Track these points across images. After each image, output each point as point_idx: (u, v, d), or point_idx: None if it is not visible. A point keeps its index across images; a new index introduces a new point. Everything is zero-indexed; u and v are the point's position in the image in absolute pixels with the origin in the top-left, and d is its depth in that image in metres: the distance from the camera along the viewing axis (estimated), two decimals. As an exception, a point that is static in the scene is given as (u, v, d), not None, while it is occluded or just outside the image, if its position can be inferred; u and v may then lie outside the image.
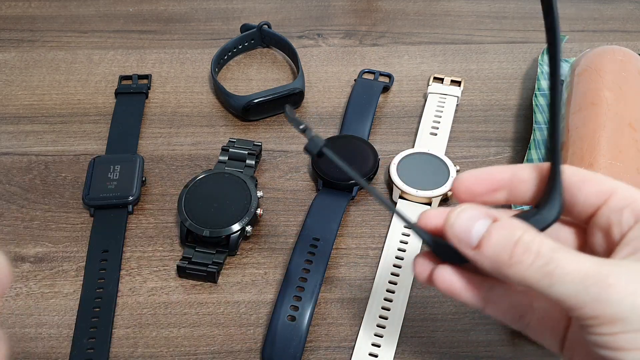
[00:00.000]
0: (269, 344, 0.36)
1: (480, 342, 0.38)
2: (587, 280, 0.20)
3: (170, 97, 0.54)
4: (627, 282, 0.20)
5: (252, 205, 0.42)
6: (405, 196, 0.44)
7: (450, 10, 0.63)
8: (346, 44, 0.59)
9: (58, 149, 0.50)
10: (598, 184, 0.25)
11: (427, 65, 0.57)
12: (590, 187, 0.25)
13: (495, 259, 0.22)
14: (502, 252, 0.22)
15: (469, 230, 0.23)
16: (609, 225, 0.24)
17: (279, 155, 0.49)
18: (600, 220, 0.24)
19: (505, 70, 0.56)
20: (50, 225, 0.45)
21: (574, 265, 0.20)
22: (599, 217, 0.24)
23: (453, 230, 0.23)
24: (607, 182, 0.25)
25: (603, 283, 0.20)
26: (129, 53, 0.58)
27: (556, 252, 0.21)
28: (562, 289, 0.20)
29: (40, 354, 0.38)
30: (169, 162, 0.49)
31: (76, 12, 0.64)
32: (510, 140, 0.50)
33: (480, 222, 0.22)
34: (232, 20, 0.62)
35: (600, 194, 0.24)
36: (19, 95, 0.55)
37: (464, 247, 0.23)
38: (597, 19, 0.62)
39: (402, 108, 0.53)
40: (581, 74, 0.46)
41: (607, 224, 0.24)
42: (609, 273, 0.20)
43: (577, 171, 0.26)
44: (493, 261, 0.22)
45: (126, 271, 0.42)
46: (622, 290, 0.20)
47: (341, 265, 0.42)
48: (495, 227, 0.22)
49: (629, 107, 0.42)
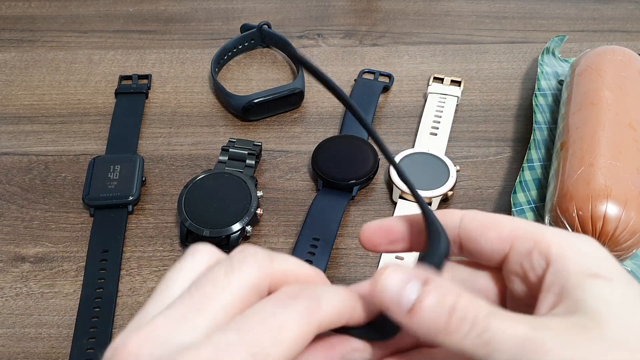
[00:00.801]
0: (269, 344, 0.36)
1: (480, 342, 0.38)
2: (524, 348, 0.19)
3: (170, 97, 0.54)
4: (562, 347, 0.19)
5: (252, 205, 0.42)
6: (405, 196, 0.44)
7: (450, 10, 0.63)
8: (346, 44, 0.59)
9: (58, 149, 0.50)
10: (498, 229, 0.23)
11: (427, 65, 0.57)
12: (491, 234, 0.23)
13: (430, 326, 0.20)
14: (437, 320, 0.20)
15: (400, 295, 0.21)
16: (523, 272, 0.23)
17: (279, 155, 0.49)
18: (513, 267, 0.23)
19: (505, 70, 0.56)
20: (50, 225, 0.45)
21: (510, 331, 0.19)
22: (511, 264, 0.23)
23: (384, 296, 0.21)
24: (507, 226, 0.23)
25: (540, 350, 0.19)
26: (129, 53, 0.58)
27: (492, 318, 0.20)
28: (500, 357, 0.19)
29: (40, 354, 0.38)
30: (169, 162, 0.49)
31: (76, 12, 0.64)
32: (510, 140, 0.50)
33: (410, 285, 0.21)
34: (232, 20, 0.62)
35: (503, 241, 0.23)
36: (19, 95, 0.55)
37: (397, 314, 0.21)
38: (597, 19, 0.62)
39: (402, 108, 0.53)
40: (581, 74, 0.46)
41: (520, 270, 0.23)
42: (544, 339, 0.19)
43: (476, 216, 0.24)
44: (428, 329, 0.20)
45: (126, 271, 0.42)
46: (558, 355, 0.19)
47: (341, 265, 0.42)
48: (428, 293, 0.20)
49: (629, 107, 0.42)
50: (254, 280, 0.21)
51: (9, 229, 0.44)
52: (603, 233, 0.36)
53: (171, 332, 0.19)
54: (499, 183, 0.47)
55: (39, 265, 0.42)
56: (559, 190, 0.39)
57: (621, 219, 0.35)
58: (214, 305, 0.20)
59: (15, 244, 0.43)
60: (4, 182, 0.47)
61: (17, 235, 0.44)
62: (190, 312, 0.19)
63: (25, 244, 0.43)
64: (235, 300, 0.20)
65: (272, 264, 0.21)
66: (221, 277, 0.20)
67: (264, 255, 0.21)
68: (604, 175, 0.37)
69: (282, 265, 0.22)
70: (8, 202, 0.46)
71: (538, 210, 0.43)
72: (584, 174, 0.38)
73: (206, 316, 0.19)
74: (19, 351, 0.38)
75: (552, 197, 0.39)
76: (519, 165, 0.48)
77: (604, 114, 0.41)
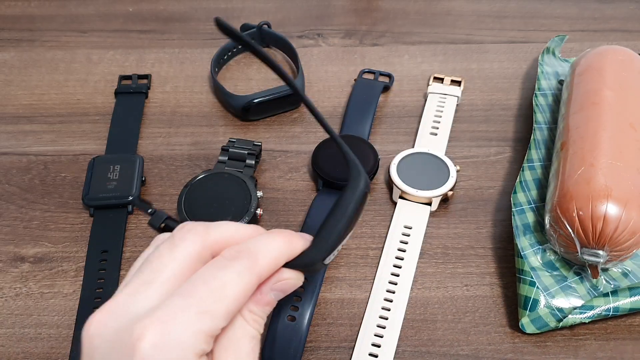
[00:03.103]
0: (269, 344, 0.36)
1: (480, 342, 0.38)
2: None
3: (169, 97, 0.54)
4: None
5: (252, 205, 0.42)
6: (405, 196, 0.44)
7: (451, 10, 0.63)
8: (346, 44, 0.59)
9: (57, 149, 0.50)
10: None
11: (427, 64, 0.57)
12: None
13: None
14: None
15: None
16: None
17: (279, 155, 0.49)
18: None
19: (506, 69, 0.56)
20: (50, 225, 0.44)
21: None
22: None
23: None
24: None
25: None
26: (128, 53, 0.58)
27: None
28: None
29: (39, 354, 0.38)
30: (169, 162, 0.49)
31: (75, 11, 0.64)
32: (510, 140, 0.50)
33: None
34: (232, 20, 0.62)
35: None
36: (18, 95, 0.54)
37: None
38: (598, 18, 0.62)
39: (403, 108, 0.53)
40: (582, 74, 0.46)
41: None
42: None
43: None
44: None
45: (126, 271, 0.42)
46: None
47: (341, 265, 0.42)
48: None
49: (630, 107, 0.42)
50: (195, 249, 0.24)
51: (8, 229, 0.44)
52: (603, 233, 0.36)
53: (128, 305, 0.22)
54: (500, 183, 0.47)
55: (38, 266, 0.42)
56: (559, 190, 0.39)
57: (621, 219, 0.35)
58: (162, 277, 0.23)
59: (15, 244, 0.43)
60: (3, 182, 0.47)
61: (17, 236, 0.44)
62: (142, 285, 0.23)
63: (25, 244, 0.43)
64: (181, 270, 0.23)
65: (209, 233, 0.25)
66: (166, 252, 0.24)
67: (201, 228, 0.25)
68: (605, 175, 0.37)
69: (219, 232, 0.25)
70: (7, 202, 0.46)
71: (538, 210, 0.43)
72: (584, 174, 0.38)
73: (156, 287, 0.23)
74: (19, 351, 0.38)
75: (553, 197, 0.39)
76: (519, 165, 0.47)
77: (605, 114, 0.41)
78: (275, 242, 0.25)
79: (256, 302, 0.25)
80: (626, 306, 0.37)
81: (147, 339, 0.21)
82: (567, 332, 0.38)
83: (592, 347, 0.37)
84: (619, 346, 0.37)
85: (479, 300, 0.40)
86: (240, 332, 0.24)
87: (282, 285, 0.26)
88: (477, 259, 0.42)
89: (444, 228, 0.44)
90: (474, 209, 0.45)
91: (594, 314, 0.37)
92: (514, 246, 0.40)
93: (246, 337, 0.24)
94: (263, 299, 0.25)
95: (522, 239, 0.41)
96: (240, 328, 0.24)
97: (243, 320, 0.24)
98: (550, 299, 0.37)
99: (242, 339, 0.24)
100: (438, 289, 0.40)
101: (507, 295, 0.40)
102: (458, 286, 0.40)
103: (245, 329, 0.24)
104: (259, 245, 0.25)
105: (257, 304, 0.25)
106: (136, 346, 0.21)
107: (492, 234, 0.43)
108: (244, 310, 0.25)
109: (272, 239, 0.25)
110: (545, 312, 0.37)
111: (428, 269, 0.41)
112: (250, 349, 0.24)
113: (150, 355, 0.21)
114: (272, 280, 0.25)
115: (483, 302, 0.40)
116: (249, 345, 0.24)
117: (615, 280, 0.39)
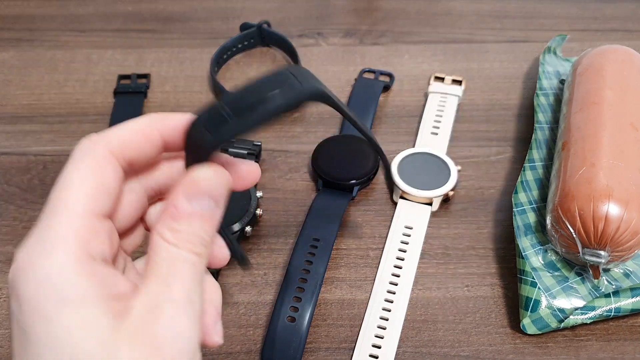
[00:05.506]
0: (268, 345, 0.36)
1: (481, 343, 0.37)
2: None
3: (169, 97, 0.54)
4: None
5: (252, 205, 0.42)
6: (406, 196, 0.44)
7: (452, 9, 0.63)
8: (346, 43, 0.59)
9: (56, 149, 0.50)
10: None
11: (428, 64, 0.57)
12: None
13: None
14: None
15: None
16: None
17: (279, 155, 0.49)
18: None
19: (507, 69, 0.56)
20: (49, 225, 0.44)
21: None
22: None
23: None
24: None
25: None
26: (127, 52, 0.58)
27: None
28: None
29: (38, 356, 0.38)
30: (168, 162, 0.48)
31: (75, 11, 0.63)
32: (511, 140, 0.50)
33: None
34: (231, 19, 0.62)
35: None
36: (17, 94, 0.54)
37: None
38: (599, 18, 0.61)
39: (403, 107, 0.53)
40: (583, 74, 0.46)
41: None
42: None
43: None
44: None
45: (125, 272, 0.42)
46: None
47: (341, 266, 0.42)
48: None
49: (631, 107, 0.41)
50: (92, 166, 0.23)
51: (8, 229, 0.44)
52: (605, 233, 0.35)
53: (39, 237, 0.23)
54: (500, 183, 0.46)
55: (37, 266, 0.42)
56: (560, 190, 0.38)
57: (623, 219, 0.35)
58: None
59: (14, 244, 0.43)
60: (2, 182, 0.47)
61: (16, 236, 0.44)
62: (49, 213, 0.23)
63: (24, 244, 0.43)
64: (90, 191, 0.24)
65: (102, 142, 0.23)
66: None
67: (96, 137, 0.23)
68: (606, 175, 0.37)
69: (109, 137, 0.23)
70: (6, 203, 0.46)
71: (539, 210, 0.42)
72: (585, 174, 0.37)
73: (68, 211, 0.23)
74: (17, 352, 0.38)
75: (554, 197, 0.39)
76: (520, 165, 0.47)
77: (606, 114, 0.41)
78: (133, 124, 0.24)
79: (173, 217, 0.22)
80: (628, 307, 0.37)
81: None
82: (568, 333, 0.38)
83: (593, 348, 0.37)
84: (621, 347, 0.37)
85: (480, 301, 0.39)
86: (169, 259, 0.21)
87: (194, 188, 0.22)
88: (478, 259, 0.42)
89: (445, 228, 0.44)
90: (475, 209, 0.45)
91: (595, 315, 0.37)
92: (515, 246, 0.40)
93: (179, 261, 0.21)
94: (180, 211, 0.22)
95: (523, 239, 0.40)
96: (166, 251, 0.21)
97: (165, 242, 0.21)
98: (551, 299, 0.37)
99: (175, 265, 0.21)
100: (439, 290, 0.40)
101: (508, 296, 0.40)
102: (459, 287, 0.40)
103: (174, 253, 0.21)
104: (112, 130, 0.24)
105: (175, 219, 0.22)
106: None
107: (493, 234, 0.43)
108: (163, 230, 0.22)
109: (133, 121, 0.24)
110: (547, 312, 0.37)
111: (429, 270, 0.41)
112: (192, 278, 0.21)
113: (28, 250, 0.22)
114: (182, 187, 0.22)
115: (484, 303, 0.39)
116: (189, 273, 0.21)
117: (616, 280, 0.39)
